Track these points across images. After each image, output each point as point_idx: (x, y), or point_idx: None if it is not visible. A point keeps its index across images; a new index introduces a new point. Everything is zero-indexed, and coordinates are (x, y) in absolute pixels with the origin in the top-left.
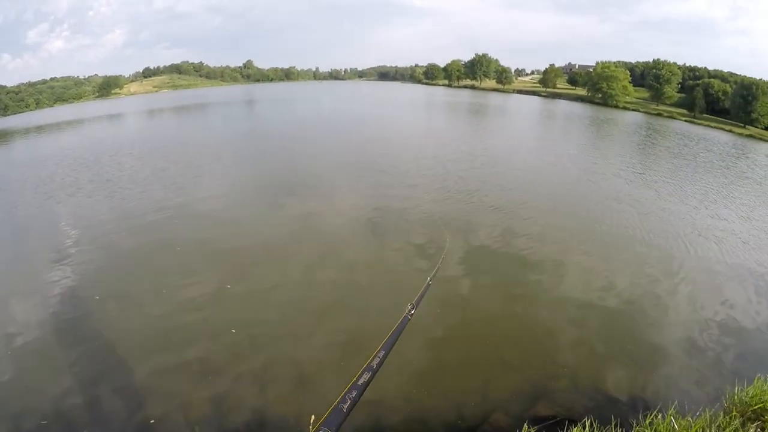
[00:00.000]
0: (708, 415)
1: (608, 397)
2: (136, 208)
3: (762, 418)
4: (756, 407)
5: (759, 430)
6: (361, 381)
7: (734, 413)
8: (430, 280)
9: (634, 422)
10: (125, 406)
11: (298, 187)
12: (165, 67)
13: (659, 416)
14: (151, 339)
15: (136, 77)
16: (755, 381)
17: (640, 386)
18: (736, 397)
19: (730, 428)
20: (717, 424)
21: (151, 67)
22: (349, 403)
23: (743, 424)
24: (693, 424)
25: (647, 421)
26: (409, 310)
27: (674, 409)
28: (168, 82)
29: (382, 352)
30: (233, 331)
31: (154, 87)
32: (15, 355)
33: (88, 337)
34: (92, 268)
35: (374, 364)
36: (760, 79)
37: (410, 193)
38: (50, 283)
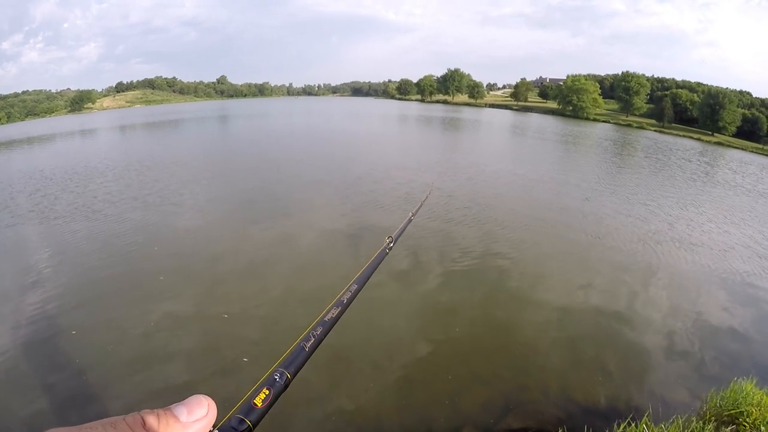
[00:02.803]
0: (681, 421)
1: (582, 407)
2: (112, 230)
3: (737, 421)
4: (731, 411)
5: None
6: (328, 317)
7: (708, 417)
8: (412, 216)
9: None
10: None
11: (277, 207)
12: (138, 81)
13: (632, 424)
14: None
15: (109, 92)
16: (731, 385)
17: (615, 395)
18: (712, 401)
19: None
20: (690, 429)
21: (125, 82)
22: (312, 341)
23: (717, 429)
24: (666, 431)
25: (620, 430)
26: (388, 244)
27: (648, 417)
28: (141, 98)
29: (355, 286)
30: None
31: (127, 102)
32: None
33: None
34: (67, 290)
35: (345, 298)
36: (727, 89)
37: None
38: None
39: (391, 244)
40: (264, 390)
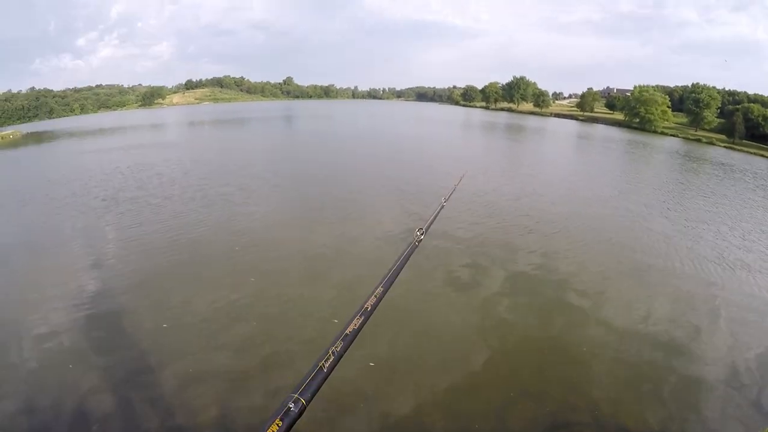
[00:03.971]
0: None
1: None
2: (176, 221)
3: None
4: None
5: None
6: (349, 329)
7: None
8: (445, 201)
9: None
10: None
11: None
12: (207, 80)
13: None
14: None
15: (178, 89)
16: None
17: (667, 427)
18: None
19: None
20: None
21: (194, 80)
22: (332, 359)
23: None
24: None
25: None
26: (418, 236)
27: None
28: (209, 95)
29: (380, 290)
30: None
31: (196, 99)
32: (48, 356)
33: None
34: (132, 274)
35: (369, 305)
36: None
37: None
38: (87, 285)
39: (422, 237)
40: (276, 422)
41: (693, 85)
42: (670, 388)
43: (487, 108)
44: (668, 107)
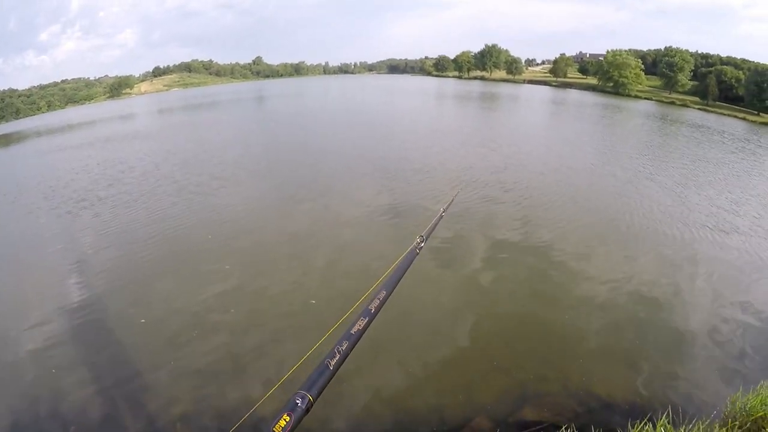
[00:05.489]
0: (702, 426)
1: (602, 402)
2: (151, 216)
3: (763, 428)
4: (757, 415)
5: None
6: (354, 329)
7: (731, 424)
8: (444, 211)
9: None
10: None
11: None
12: (175, 65)
13: (649, 425)
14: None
15: (146, 77)
16: (759, 388)
17: (637, 391)
18: (737, 404)
19: None
20: None
21: (161, 66)
22: (338, 357)
23: None
24: None
25: (635, 430)
26: (419, 243)
27: (666, 418)
28: (178, 81)
29: (383, 292)
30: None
31: (165, 86)
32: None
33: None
34: (109, 273)
35: (372, 307)
36: None
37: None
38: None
39: (422, 244)
40: (284, 416)
41: (666, 48)
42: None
43: (460, 77)
44: (642, 70)
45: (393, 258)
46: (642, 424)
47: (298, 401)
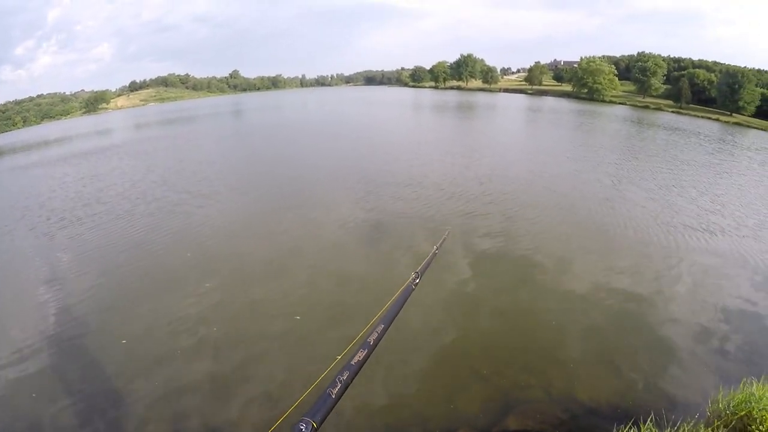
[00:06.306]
0: (687, 427)
1: (586, 407)
2: (130, 236)
3: (748, 428)
4: (742, 414)
5: None
6: (354, 360)
7: (716, 424)
8: (437, 249)
9: None
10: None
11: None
12: (151, 80)
13: (634, 429)
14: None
15: (123, 91)
16: (741, 385)
17: (622, 394)
18: (720, 403)
19: None
20: None
21: (138, 81)
22: (339, 387)
23: None
24: None
25: None
26: (414, 279)
27: (651, 421)
28: (155, 95)
29: (381, 326)
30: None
31: (141, 100)
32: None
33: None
34: (90, 294)
35: (371, 340)
36: (745, 67)
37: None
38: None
39: (417, 280)
40: None
41: (639, 53)
42: None
43: (436, 87)
44: (615, 76)
45: (378, 273)
46: (627, 429)
47: (302, 427)
